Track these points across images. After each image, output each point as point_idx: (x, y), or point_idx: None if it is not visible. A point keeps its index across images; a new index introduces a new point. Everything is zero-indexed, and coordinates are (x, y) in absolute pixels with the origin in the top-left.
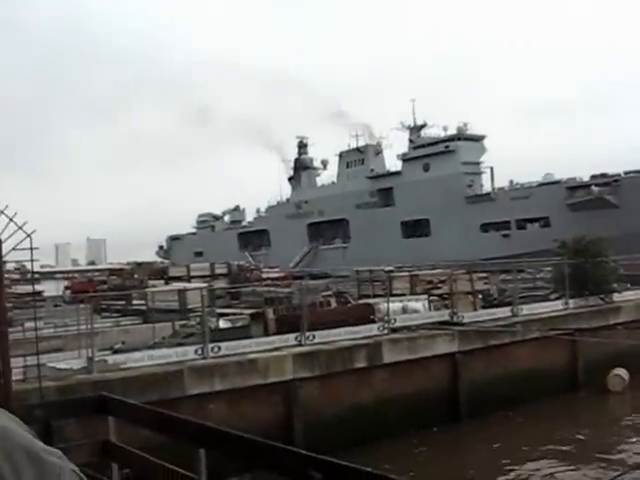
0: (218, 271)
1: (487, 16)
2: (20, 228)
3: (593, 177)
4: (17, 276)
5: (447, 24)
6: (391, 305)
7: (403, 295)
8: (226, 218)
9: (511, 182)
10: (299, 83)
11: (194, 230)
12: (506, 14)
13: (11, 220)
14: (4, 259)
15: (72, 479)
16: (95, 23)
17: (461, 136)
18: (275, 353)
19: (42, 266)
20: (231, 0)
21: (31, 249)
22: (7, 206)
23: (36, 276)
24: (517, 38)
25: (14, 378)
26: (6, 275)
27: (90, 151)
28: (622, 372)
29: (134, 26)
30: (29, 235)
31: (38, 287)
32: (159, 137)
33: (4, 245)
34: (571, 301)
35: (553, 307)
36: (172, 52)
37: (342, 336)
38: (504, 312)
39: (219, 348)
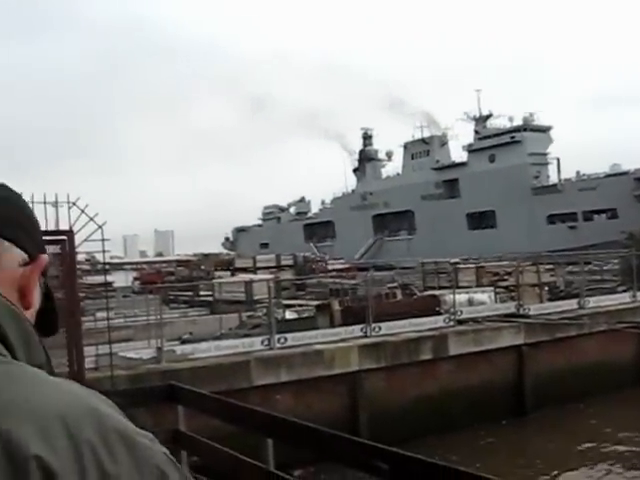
0: (284, 262)
1: (552, 5)
2: (92, 219)
3: None
4: (87, 267)
5: (511, 15)
6: (457, 297)
7: (469, 287)
8: (291, 210)
9: (578, 173)
10: (360, 74)
11: (260, 222)
12: (572, 2)
13: (83, 212)
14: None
15: (163, 461)
16: (154, 23)
17: (527, 127)
18: (341, 344)
19: (111, 257)
20: None
21: (102, 240)
22: (79, 198)
23: (106, 267)
24: (583, 25)
25: (86, 366)
26: (78, 266)
27: (156, 146)
28: None
29: (191, 24)
30: (100, 227)
31: (108, 278)
32: (224, 131)
33: (76, 237)
34: (639, 293)
35: (621, 299)
36: (229, 48)
37: (407, 328)
38: (571, 304)
39: (285, 339)
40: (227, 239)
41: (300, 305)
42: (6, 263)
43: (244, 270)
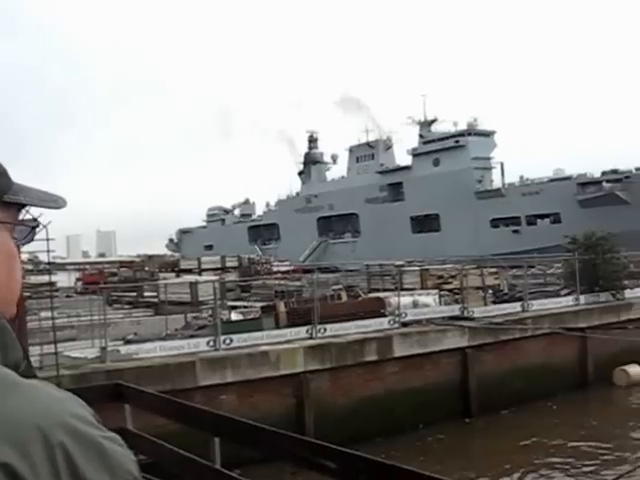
0: (229, 264)
1: (496, 10)
2: (36, 220)
3: (604, 173)
4: (30, 267)
5: (458, 19)
6: (402, 299)
7: (413, 289)
8: (236, 212)
9: (521, 178)
10: (308, 74)
11: (204, 223)
12: (519, 7)
13: (27, 212)
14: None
15: (134, 467)
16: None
17: (471, 131)
18: (286, 345)
19: (53, 257)
20: None
21: (47, 240)
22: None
23: (50, 267)
24: (527, 33)
25: None
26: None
27: (99, 149)
28: (629, 368)
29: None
30: (45, 226)
31: (52, 278)
32: (169, 133)
33: None
34: (582, 297)
35: (564, 303)
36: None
37: (353, 329)
38: (514, 307)
39: (231, 340)
40: (171, 240)
41: (245, 306)
42: None
43: (189, 271)
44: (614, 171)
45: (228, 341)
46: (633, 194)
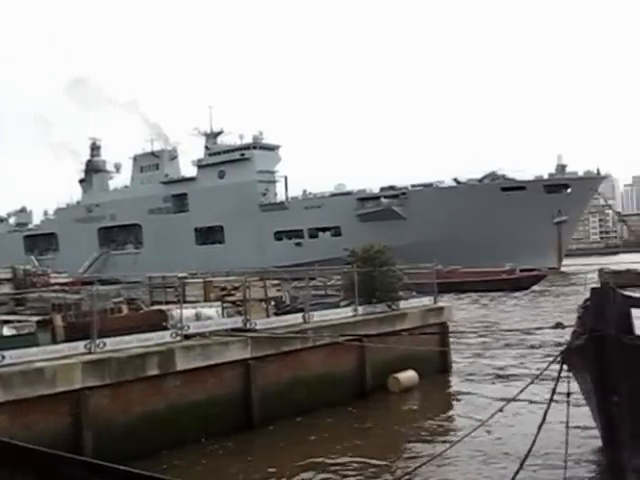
0: (1, 276)
1: (282, 26)
2: None
3: (382, 189)
4: None
5: (245, 32)
6: (184, 312)
7: (196, 302)
8: (11, 220)
9: (304, 192)
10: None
11: None
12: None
13: None
14: None
15: None
16: None
17: (257, 145)
18: (63, 361)
19: None
20: None
21: None
22: None
23: None
24: (310, 52)
25: None
26: None
27: None
28: (400, 375)
29: None
30: None
31: None
32: None
33: None
34: (360, 308)
35: (343, 314)
36: None
37: (134, 343)
38: (296, 318)
39: (3, 357)
40: None
41: (19, 321)
42: None
43: None
44: (391, 187)
45: (0, 358)
46: (409, 210)
